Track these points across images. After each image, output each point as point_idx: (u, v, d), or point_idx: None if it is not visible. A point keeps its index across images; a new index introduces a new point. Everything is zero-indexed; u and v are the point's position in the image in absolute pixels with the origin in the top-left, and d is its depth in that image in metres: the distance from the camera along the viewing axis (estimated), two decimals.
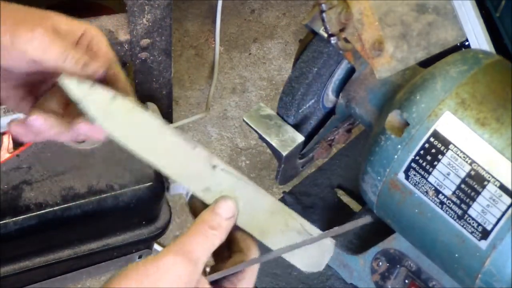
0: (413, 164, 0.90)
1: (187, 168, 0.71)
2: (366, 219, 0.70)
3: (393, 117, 0.93)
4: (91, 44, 0.73)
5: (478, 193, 0.86)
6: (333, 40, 0.95)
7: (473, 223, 0.87)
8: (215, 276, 0.68)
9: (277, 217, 0.71)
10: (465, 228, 0.87)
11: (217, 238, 0.65)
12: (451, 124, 0.88)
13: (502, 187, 0.85)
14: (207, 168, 0.71)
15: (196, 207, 0.71)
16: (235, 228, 0.69)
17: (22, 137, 0.71)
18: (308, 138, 1.15)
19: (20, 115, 0.73)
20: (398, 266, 1.02)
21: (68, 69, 0.69)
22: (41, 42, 0.68)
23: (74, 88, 0.69)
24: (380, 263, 1.03)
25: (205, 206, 0.70)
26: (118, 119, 0.70)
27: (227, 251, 0.71)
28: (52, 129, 0.70)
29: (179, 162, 0.71)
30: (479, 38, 1.31)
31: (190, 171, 0.71)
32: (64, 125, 0.71)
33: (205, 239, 0.65)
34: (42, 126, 0.70)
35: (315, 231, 0.72)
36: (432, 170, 0.89)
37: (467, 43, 1.30)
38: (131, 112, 0.71)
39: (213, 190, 0.70)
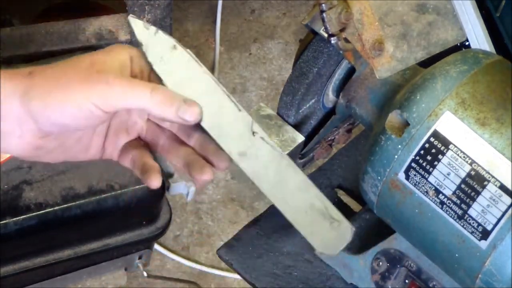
0: (413, 164, 0.90)
1: (228, 129, 0.72)
2: None
3: (393, 117, 0.93)
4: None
5: (478, 193, 0.86)
6: (333, 40, 0.95)
7: (473, 223, 0.87)
8: None
9: (304, 196, 0.73)
10: (465, 228, 0.87)
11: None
12: (451, 124, 0.88)
13: (502, 187, 0.85)
14: (247, 133, 0.72)
15: None
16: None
17: None
18: (308, 138, 1.15)
19: None
20: (398, 266, 1.02)
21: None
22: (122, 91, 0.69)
23: (140, 31, 0.72)
24: (380, 263, 1.03)
25: None
26: (174, 68, 0.72)
27: None
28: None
29: (221, 121, 0.72)
30: (479, 38, 1.31)
31: (231, 132, 0.72)
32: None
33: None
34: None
35: (338, 216, 0.73)
36: (432, 170, 0.89)
37: (467, 43, 1.30)
38: (188, 64, 0.72)
39: (249, 155, 0.71)
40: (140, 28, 0.72)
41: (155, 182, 0.72)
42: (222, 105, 0.72)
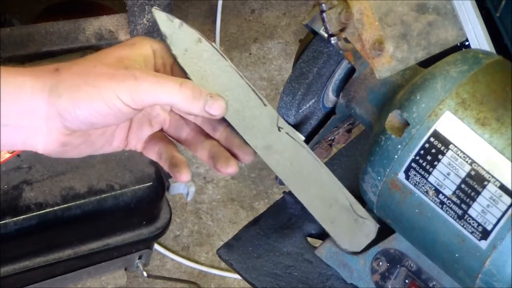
0: (413, 164, 0.90)
1: (254, 123, 0.72)
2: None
3: (393, 117, 0.93)
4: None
5: (478, 193, 0.86)
6: (333, 40, 0.95)
7: (473, 223, 0.87)
8: None
9: (329, 191, 0.73)
10: (465, 228, 0.87)
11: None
12: (451, 124, 0.88)
13: (502, 187, 0.85)
14: (273, 128, 0.72)
15: None
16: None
17: None
18: (308, 138, 1.15)
19: None
20: (398, 266, 1.02)
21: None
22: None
23: (164, 23, 0.71)
24: (380, 263, 1.03)
25: None
26: (198, 61, 0.71)
27: None
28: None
29: (247, 115, 0.72)
30: (479, 38, 1.31)
31: (256, 126, 0.71)
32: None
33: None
34: None
35: (363, 212, 0.73)
36: (432, 170, 0.89)
37: (467, 43, 1.30)
38: (213, 57, 0.72)
39: (274, 149, 0.71)
40: (164, 20, 0.71)
41: (185, 176, 0.72)
42: (247, 99, 0.71)
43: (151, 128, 0.76)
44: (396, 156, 0.91)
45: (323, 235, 1.08)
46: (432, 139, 0.89)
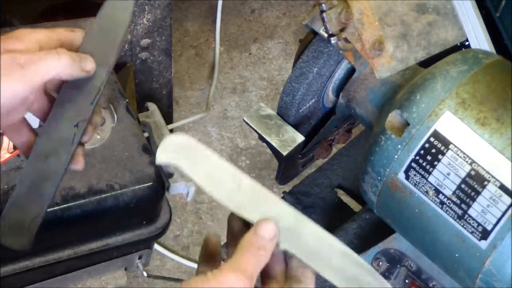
0: (413, 164, 0.90)
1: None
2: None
3: (393, 117, 0.93)
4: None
5: (478, 193, 0.86)
6: (333, 40, 0.95)
7: (473, 223, 0.87)
8: None
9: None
10: (465, 228, 0.87)
11: (264, 258, 0.72)
12: (451, 124, 0.88)
13: (502, 187, 0.85)
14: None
15: (234, 223, 0.77)
16: (291, 257, 0.74)
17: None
18: (308, 138, 1.15)
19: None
20: (398, 266, 1.02)
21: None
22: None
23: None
24: (380, 263, 1.03)
25: (243, 223, 0.75)
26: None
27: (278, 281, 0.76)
28: None
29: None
30: (479, 38, 1.31)
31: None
32: None
33: (254, 258, 0.71)
34: None
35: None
36: (432, 170, 0.89)
37: (467, 43, 1.30)
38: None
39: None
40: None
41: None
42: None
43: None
44: (396, 156, 0.91)
45: None
46: (432, 139, 0.89)
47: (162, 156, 0.72)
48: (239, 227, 0.76)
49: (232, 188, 0.74)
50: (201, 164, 0.73)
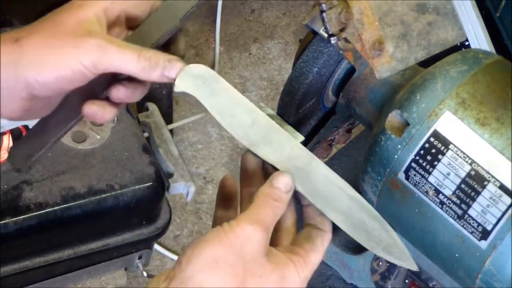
0: (413, 164, 0.90)
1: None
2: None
3: (393, 117, 0.93)
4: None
5: (478, 193, 0.86)
6: (333, 40, 0.95)
7: (473, 223, 0.87)
8: None
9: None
10: (465, 228, 0.87)
11: (280, 210, 0.71)
12: (451, 124, 0.88)
13: (502, 187, 0.85)
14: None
15: (248, 162, 0.76)
16: (308, 204, 0.75)
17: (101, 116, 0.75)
18: (308, 138, 1.15)
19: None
20: (398, 266, 1.02)
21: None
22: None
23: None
24: (380, 263, 1.03)
25: (257, 162, 0.75)
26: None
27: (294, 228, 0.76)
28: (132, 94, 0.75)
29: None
30: (479, 38, 1.31)
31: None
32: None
33: (271, 210, 0.71)
34: (123, 93, 0.74)
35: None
36: (432, 170, 0.89)
37: (467, 43, 1.30)
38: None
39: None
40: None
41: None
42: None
43: None
44: (396, 156, 0.91)
45: None
46: (432, 139, 0.89)
47: (181, 84, 0.71)
48: (253, 167, 0.76)
49: (247, 123, 0.73)
50: (218, 96, 0.72)
